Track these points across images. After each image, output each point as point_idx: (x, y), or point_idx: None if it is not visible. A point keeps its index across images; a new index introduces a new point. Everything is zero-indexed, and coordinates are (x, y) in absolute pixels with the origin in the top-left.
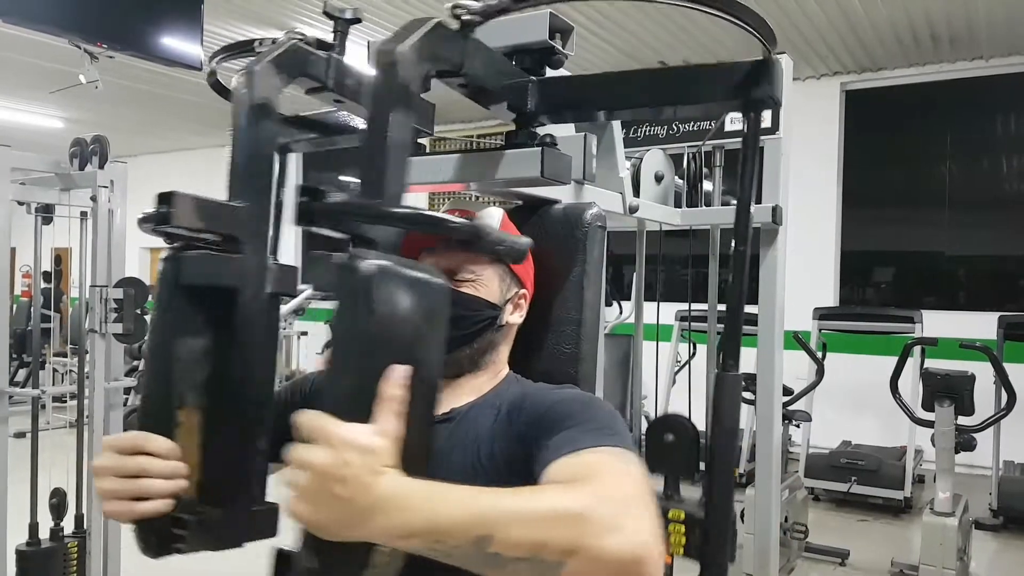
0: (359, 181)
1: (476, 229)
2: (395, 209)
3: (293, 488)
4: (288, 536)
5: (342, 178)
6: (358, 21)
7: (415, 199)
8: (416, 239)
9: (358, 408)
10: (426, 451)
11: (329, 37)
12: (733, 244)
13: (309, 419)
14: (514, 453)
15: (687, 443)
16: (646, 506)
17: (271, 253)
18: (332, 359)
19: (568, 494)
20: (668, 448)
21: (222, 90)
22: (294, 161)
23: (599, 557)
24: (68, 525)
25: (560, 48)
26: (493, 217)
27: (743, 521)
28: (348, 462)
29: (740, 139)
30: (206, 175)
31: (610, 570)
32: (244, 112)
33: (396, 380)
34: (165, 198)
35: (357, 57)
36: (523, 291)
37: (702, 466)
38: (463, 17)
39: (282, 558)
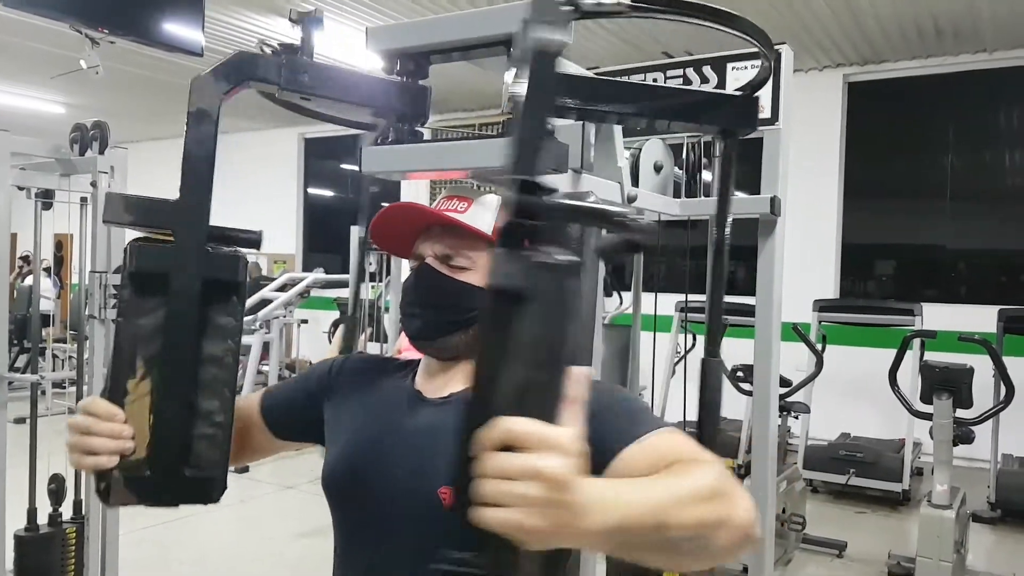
0: (512, 175)
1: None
2: (613, 209)
3: (511, 499)
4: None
5: (343, 166)
6: (320, 21)
7: (416, 186)
8: (411, 224)
9: (552, 411)
10: (366, 431)
11: (335, 24)
12: (712, 251)
13: (517, 425)
14: None
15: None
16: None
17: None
18: (521, 359)
19: (701, 473)
20: None
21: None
22: (297, 147)
23: (738, 524)
24: (66, 511)
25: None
26: (491, 205)
27: None
28: (570, 466)
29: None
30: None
31: (742, 533)
32: (189, 118)
33: (581, 381)
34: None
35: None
36: None
37: None
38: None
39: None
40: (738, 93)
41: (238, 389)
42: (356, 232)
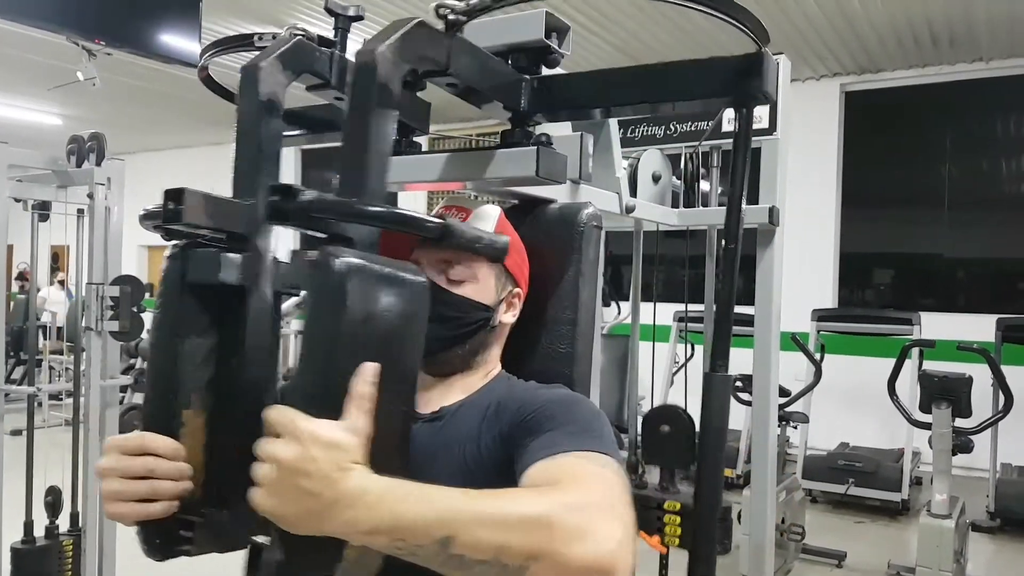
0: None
1: (446, 227)
2: (365, 207)
3: (259, 480)
4: None
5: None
6: (360, 18)
7: (413, 197)
8: (409, 237)
9: (328, 404)
10: (400, 449)
11: (329, 33)
12: (723, 243)
13: (277, 414)
14: (499, 454)
15: (683, 434)
16: (617, 513)
17: None
18: (303, 355)
19: (536, 498)
20: (664, 439)
21: (214, 86)
22: (293, 158)
23: (563, 564)
24: (63, 523)
25: (556, 47)
26: (489, 216)
27: (740, 522)
28: (314, 457)
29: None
30: (205, 173)
31: (568, 573)
32: (250, 109)
33: (366, 377)
34: (174, 194)
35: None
36: (517, 290)
37: None
38: (448, 17)
39: (255, 550)
40: (745, 55)
41: None
42: None
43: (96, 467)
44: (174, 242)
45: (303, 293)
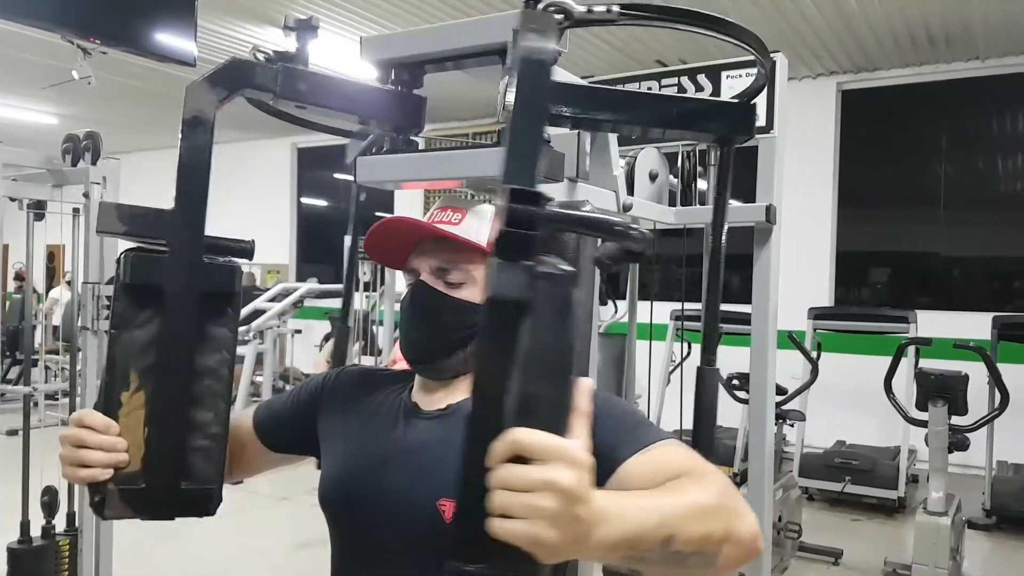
0: (506, 184)
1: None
2: (602, 217)
3: (528, 511)
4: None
5: (336, 176)
6: (316, 28)
7: (409, 196)
8: (405, 238)
9: (560, 422)
10: (361, 441)
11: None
12: (708, 258)
13: (535, 437)
14: None
15: None
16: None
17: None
18: (526, 371)
19: (705, 489)
20: None
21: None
22: (289, 157)
23: (741, 540)
24: (60, 523)
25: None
26: (485, 215)
27: None
28: (586, 480)
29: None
30: None
31: (747, 547)
32: (184, 126)
33: (586, 393)
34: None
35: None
36: None
37: None
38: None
39: None
40: (735, 100)
41: (232, 400)
42: (349, 242)
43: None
44: (123, 248)
45: (300, 291)
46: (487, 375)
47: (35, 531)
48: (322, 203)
